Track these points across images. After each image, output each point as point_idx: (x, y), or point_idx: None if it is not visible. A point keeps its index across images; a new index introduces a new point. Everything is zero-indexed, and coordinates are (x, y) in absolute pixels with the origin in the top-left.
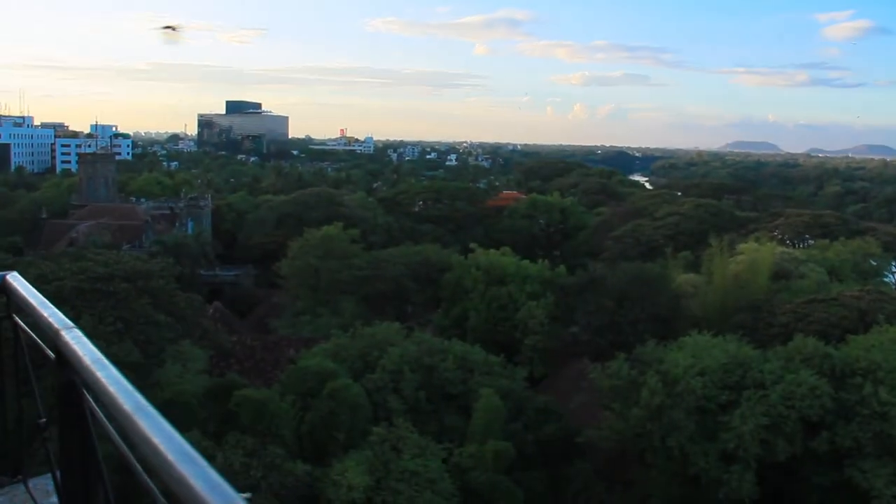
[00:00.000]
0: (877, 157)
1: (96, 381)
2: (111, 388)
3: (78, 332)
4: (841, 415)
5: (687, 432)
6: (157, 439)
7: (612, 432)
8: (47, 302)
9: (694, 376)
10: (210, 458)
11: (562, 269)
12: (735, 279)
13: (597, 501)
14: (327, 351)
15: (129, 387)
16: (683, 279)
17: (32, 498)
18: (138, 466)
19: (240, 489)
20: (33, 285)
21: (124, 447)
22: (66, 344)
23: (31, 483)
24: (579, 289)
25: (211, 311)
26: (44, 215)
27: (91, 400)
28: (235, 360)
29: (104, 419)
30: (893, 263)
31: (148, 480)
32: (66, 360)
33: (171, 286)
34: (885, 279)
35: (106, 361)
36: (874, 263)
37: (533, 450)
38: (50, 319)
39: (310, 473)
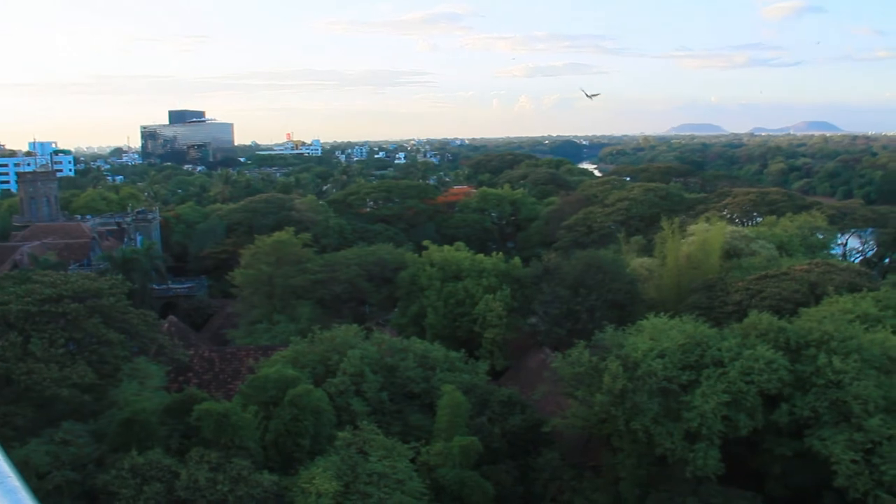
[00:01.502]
0: (817, 133)
1: None
2: None
3: None
4: (798, 386)
5: (650, 414)
6: None
7: (577, 419)
8: None
9: (654, 359)
10: (174, 475)
11: (516, 260)
12: (688, 260)
13: (567, 489)
14: (286, 358)
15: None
16: (637, 263)
17: None
18: None
19: None
20: None
21: None
22: None
23: None
24: (535, 279)
25: (166, 325)
26: None
27: None
28: (194, 373)
29: None
30: (839, 236)
31: None
32: None
33: (122, 303)
34: (832, 251)
35: None
36: (821, 237)
37: (500, 442)
38: None
39: (277, 483)
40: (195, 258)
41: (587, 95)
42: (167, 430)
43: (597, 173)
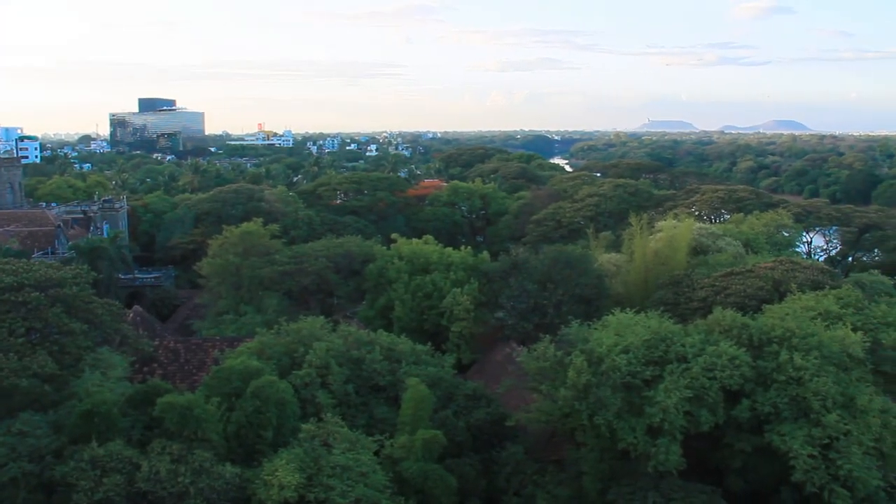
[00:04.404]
0: (786, 132)
1: None
2: None
3: None
4: (759, 382)
5: (614, 409)
6: None
7: (541, 414)
8: None
9: (618, 354)
10: (135, 467)
11: (485, 254)
12: (655, 256)
13: (530, 482)
14: (252, 349)
15: None
16: (605, 259)
17: None
18: None
19: (168, 496)
20: None
21: None
22: None
23: None
24: (503, 274)
25: (130, 315)
26: None
27: None
28: (159, 364)
29: None
30: (804, 234)
31: None
32: None
33: (86, 292)
34: (797, 249)
35: None
36: (786, 235)
37: (464, 436)
38: None
39: (239, 475)
40: (163, 248)
41: None
42: (129, 421)
43: (567, 168)
